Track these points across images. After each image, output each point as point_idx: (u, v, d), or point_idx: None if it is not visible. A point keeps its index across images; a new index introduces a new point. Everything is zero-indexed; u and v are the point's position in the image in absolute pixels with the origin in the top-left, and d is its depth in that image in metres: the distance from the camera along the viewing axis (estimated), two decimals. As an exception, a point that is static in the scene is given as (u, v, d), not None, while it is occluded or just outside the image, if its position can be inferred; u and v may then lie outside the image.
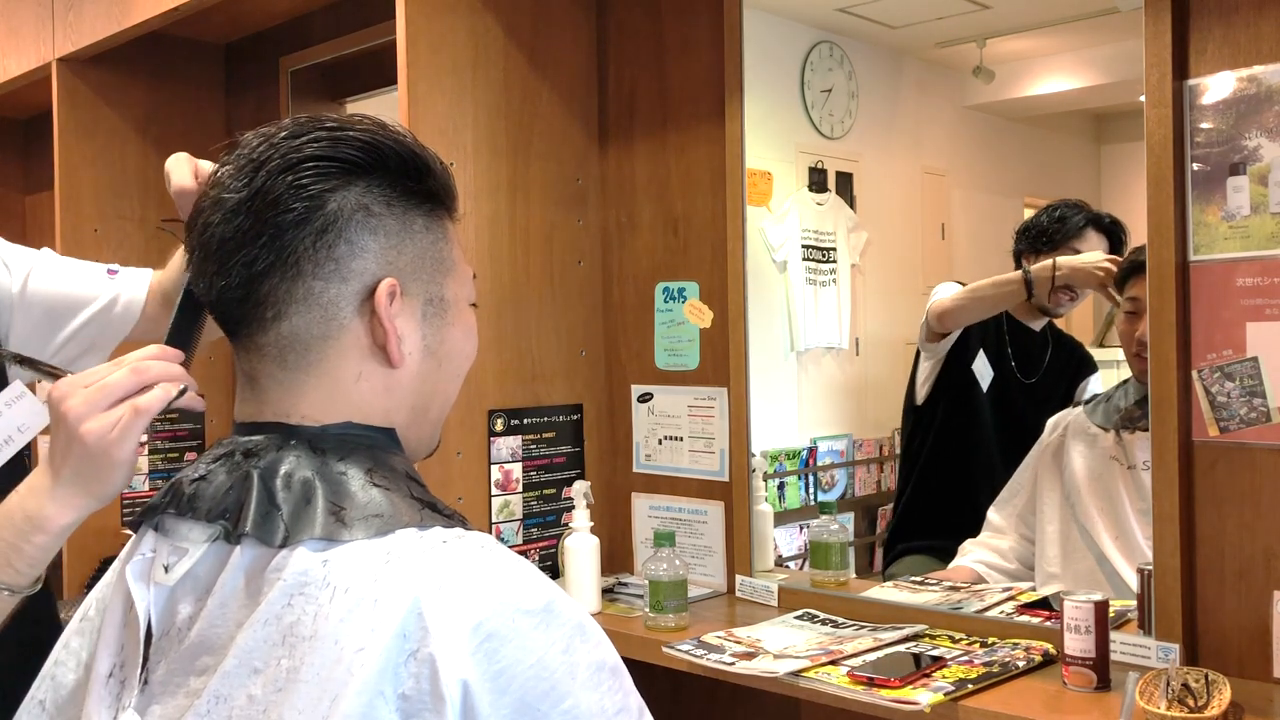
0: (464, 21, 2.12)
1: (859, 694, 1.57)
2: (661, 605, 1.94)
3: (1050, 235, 2.29)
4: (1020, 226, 2.39)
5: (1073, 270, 2.21)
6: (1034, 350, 2.37)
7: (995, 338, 2.37)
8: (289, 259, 0.88)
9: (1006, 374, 2.35)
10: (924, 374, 2.39)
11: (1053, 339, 2.38)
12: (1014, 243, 2.40)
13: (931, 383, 2.38)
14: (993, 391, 2.35)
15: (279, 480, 0.87)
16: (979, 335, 2.37)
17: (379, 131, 0.93)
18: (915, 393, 2.41)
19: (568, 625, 0.83)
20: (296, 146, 0.90)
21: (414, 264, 0.93)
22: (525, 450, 2.23)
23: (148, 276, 1.64)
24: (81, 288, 1.60)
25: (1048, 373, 2.36)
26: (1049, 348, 2.38)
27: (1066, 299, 2.30)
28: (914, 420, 2.44)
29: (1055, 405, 2.23)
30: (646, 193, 2.30)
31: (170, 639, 0.89)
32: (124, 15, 2.66)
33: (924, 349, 2.39)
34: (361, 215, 0.90)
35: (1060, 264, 2.22)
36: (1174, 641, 1.59)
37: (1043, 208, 2.37)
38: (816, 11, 2.41)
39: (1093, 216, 2.29)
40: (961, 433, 2.37)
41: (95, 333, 1.60)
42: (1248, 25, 1.57)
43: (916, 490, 2.43)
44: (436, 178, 0.96)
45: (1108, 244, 2.29)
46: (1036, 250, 2.32)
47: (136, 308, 1.61)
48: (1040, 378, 2.35)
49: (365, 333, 0.91)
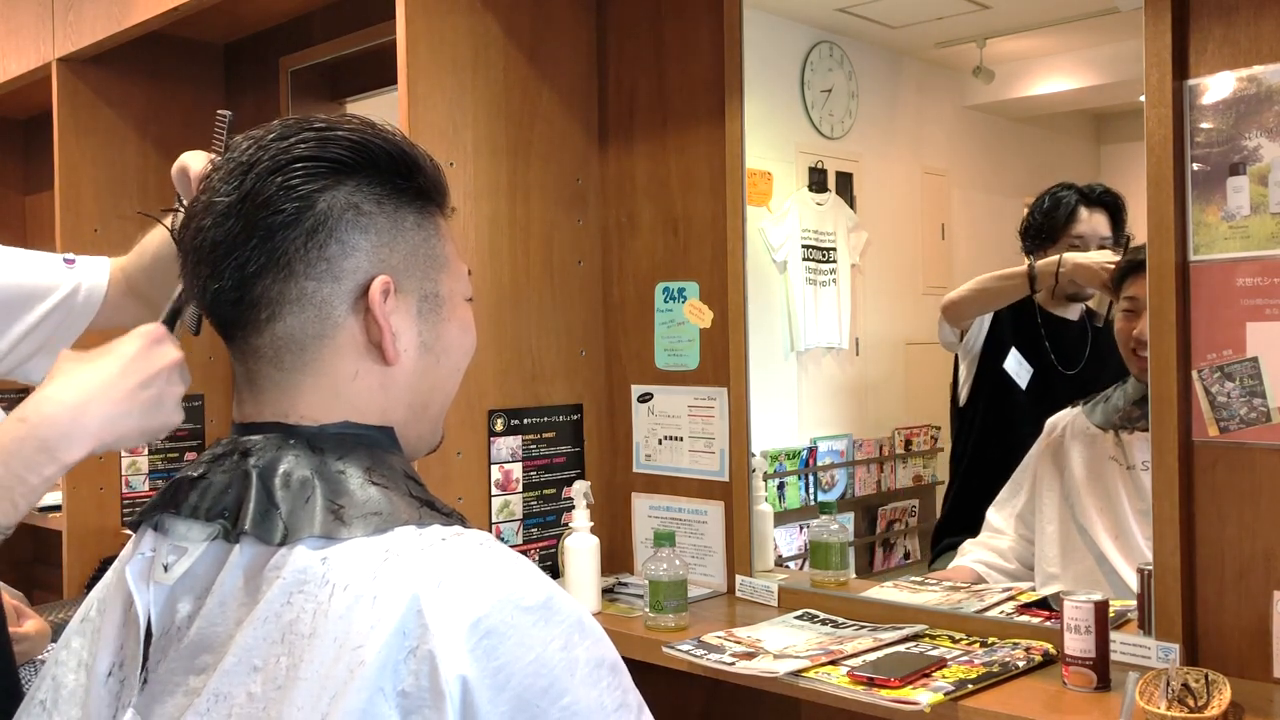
0: (464, 21, 2.12)
1: (859, 694, 1.57)
2: (661, 605, 1.94)
3: (1048, 230, 2.29)
4: (1020, 228, 2.39)
5: (1076, 268, 2.20)
6: (1072, 340, 2.34)
7: (1030, 333, 2.34)
8: (281, 260, 0.89)
9: (1047, 368, 2.32)
10: (962, 375, 2.39)
11: (1091, 326, 2.35)
12: (1020, 243, 2.40)
13: (970, 384, 2.37)
14: (1035, 387, 2.32)
15: (278, 479, 0.88)
16: (1011, 332, 2.35)
17: (367, 131, 0.93)
18: (958, 394, 2.41)
19: (566, 622, 0.83)
20: (285, 148, 0.90)
21: (407, 261, 0.93)
22: (525, 450, 2.23)
23: (107, 264, 1.62)
24: (39, 278, 1.56)
25: (1090, 361, 2.32)
26: (1088, 335, 2.34)
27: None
28: (958, 422, 2.44)
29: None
30: (646, 193, 2.30)
31: (170, 638, 0.90)
32: (124, 15, 2.66)
33: (947, 348, 2.38)
34: (352, 214, 0.90)
35: (1065, 260, 2.22)
36: (1174, 641, 1.59)
37: (1034, 203, 2.35)
38: (816, 11, 2.41)
39: (1081, 195, 2.28)
40: (1000, 432, 2.34)
41: (58, 323, 1.57)
42: (1248, 25, 1.57)
43: (961, 488, 2.44)
44: (426, 175, 0.96)
45: (1108, 216, 2.28)
46: (1042, 247, 2.31)
47: (99, 296, 1.59)
48: (1084, 367, 2.32)
49: (360, 331, 0.91)
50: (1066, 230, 2.28)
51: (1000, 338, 2.35)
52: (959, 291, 2.33)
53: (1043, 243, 2.31)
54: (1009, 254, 2.43)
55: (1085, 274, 2.21)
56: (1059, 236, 2.28)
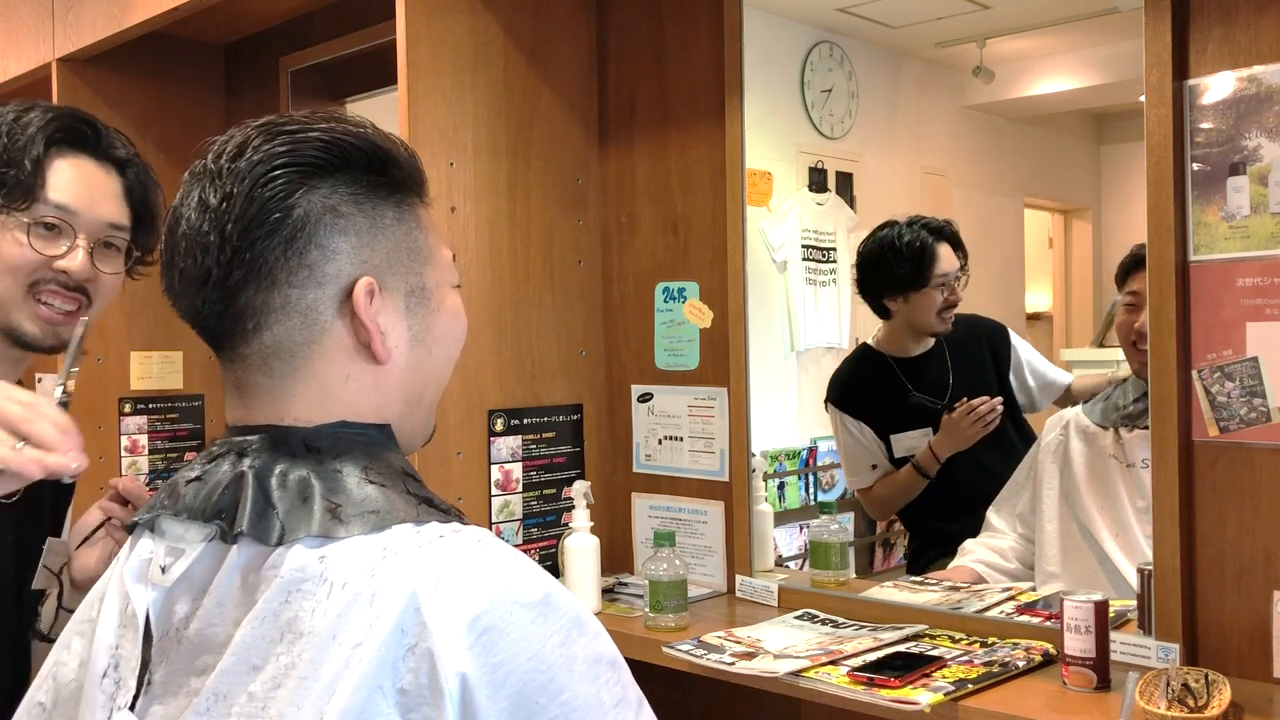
0: (464, 21, 2.12)
1: (859, 694, 1.56)
2: (661, 605, 1.94)
3: (914, 275, 2.31)
4: (865, 279, 2.39)
5: (951, 443, 2.28)
6: (936, 379, 2.38)
7: (896, 415, 2.37)
8: (262, 270, 0.88)
9: (930, 414, 2.34)
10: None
11: (949, 351, 2.38)
12: (859, 284, 2.40)
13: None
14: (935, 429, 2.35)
15: (274, 479, 0.87)
16: (887, 419, 2.37)
17: (337, 129, 0.91)
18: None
19: (565, 618, 0.83)
20: (257, 158, 0.89)
21: (390, 258, 0.93)
22: (525, 450, 2.23)
23: None
24: None
25: (965, 381, 2.35)
26: (947, 364, 2.38)
27: (950, 316, 2.35)
28: None
29: (992, 387, 2.31)
30: (646, 193, 2.30)
31: (169, 639, 0.90)
32: (124, 15, 2.66)
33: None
34: (330, 218, 0.89)
35: (937, 446, 2.30)
36: (1174, 641, 1.59)
37: (877, 250, 2.35)
38: (816, 11, 2.41)
39: (932, 232, 2.31)
40: (949, 481, 2.34)
41: None
42: (1248, 25, 1.57)
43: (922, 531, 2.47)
44: (402, 166, 0.95)
45: (953, 248, 2.32)
46: (904, 293, 2.33)
47: None
48: (963, 386, 2.34)
49: (349, 334, 0.91)
50: (931, 273, 2.30)
51: (883, 429, 2.37)
52: (868, 505, 2.42)
53: (905, 289, 2.33)
54: (1009, 254, 2.43)
55: (961, 441, 2.26)
56: (926, 281, 2.30)
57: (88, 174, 1.48)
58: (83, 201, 1.46)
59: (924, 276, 2.31)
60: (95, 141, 1.51)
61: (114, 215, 1.49)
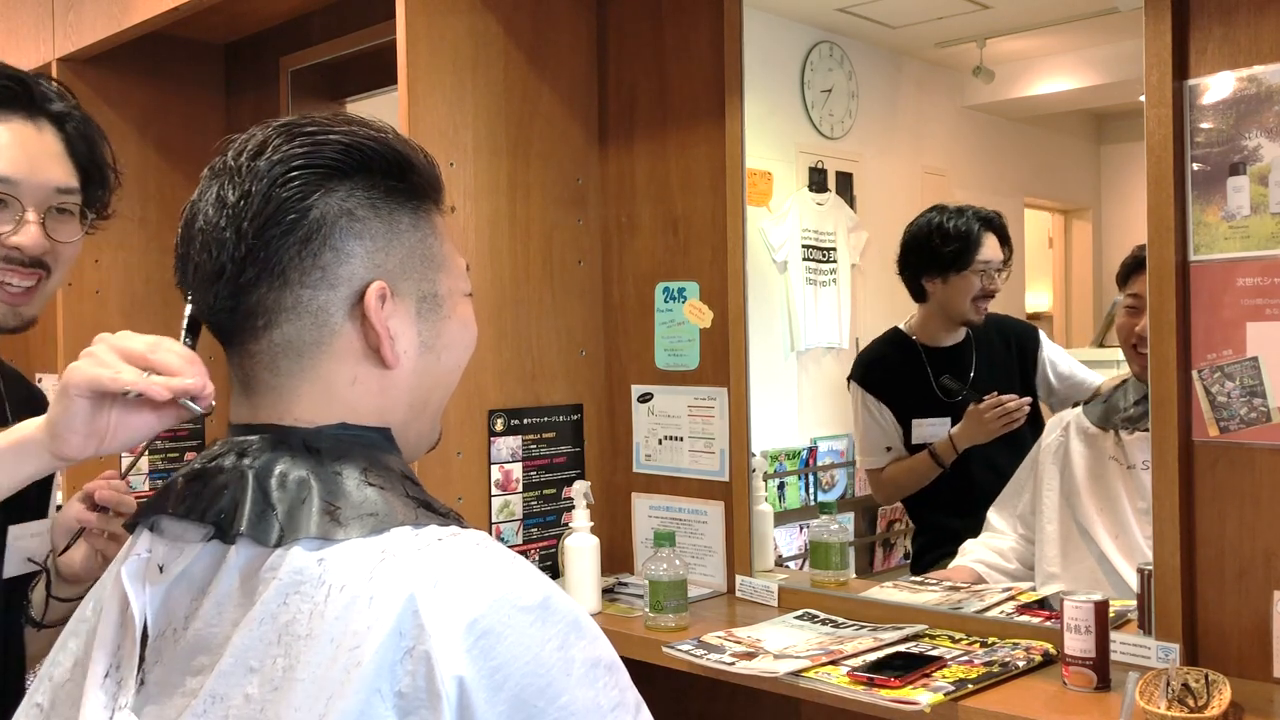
0: (464, 21, 2.12)
1: (859, 694, 1.56)
2: (661, 605, 1.94)
3: (955, 258, 2.32)
4: (908, 257, 2.40)
5: (972, 435, 2.29)
6: (962, 371, 2.39)
7: (919, 400, 2.38)
8: (275, 269, 0.88)
9: (952, 404, 2.35)
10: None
11: (978, 347, 2.40)
12: (900, 262, 2.41)
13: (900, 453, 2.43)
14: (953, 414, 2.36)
15: (274, 480, 0.87)
16: (912, 404, 2.39)
17: (359, 132, 0.92)
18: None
19: (563, 621, 0.83)
20: (277, 157, 0.89)
21: (403, 264, 0.93)
22: (525, 450, 2.23)
23: None
24: None
25: (989, 377, 2.36)
26: (974, 359, 2.39)
27: (985, 307, 2.36)
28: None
29: (1016, 387, 2.31)
30: (646, 193, 2.30)
31: (166, 639, 0.89)
32: (124, 15, 2.66)
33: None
34: (346, 220, 0.90)
35: (957, 437, 2.31)
36: (1174, 641, 1.59)
37: (925, 229, 2.36)
38: (816, 11, 2.41)
39: (982, 221, 2.32)
40: (962, 474, 2.35)
41: None
42: (1248, 25, 1.57)
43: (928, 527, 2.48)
44: (420, 173, 0.95)
45: (999, 240, 2.33)
46: (944, 274, 2.35)
47: None
48: (987, 381, 2.35)
49: (358, 337, 0.91)
50: (974, 258, 2.31)
51: (903, 413, 2.39)
52: (878, 485, 2.43)
53: (946, 270, 2.33)
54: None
55: (982, 434, 2.27)
56: (967, 264, 2.31)
57: (23, 137, 1.33)
58: (22, 169, 1.31)
59: (966, 259, 2.32)
60: (27, 99, 1.35)
61: (60, 178, 1.36)
